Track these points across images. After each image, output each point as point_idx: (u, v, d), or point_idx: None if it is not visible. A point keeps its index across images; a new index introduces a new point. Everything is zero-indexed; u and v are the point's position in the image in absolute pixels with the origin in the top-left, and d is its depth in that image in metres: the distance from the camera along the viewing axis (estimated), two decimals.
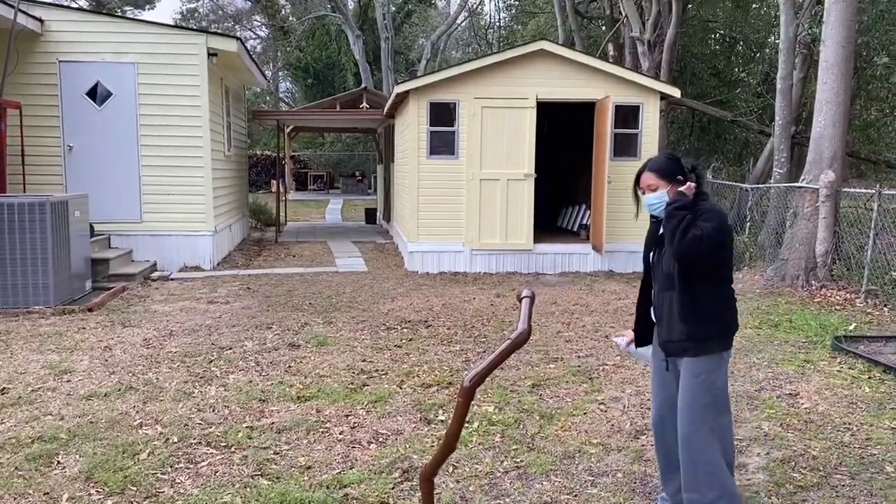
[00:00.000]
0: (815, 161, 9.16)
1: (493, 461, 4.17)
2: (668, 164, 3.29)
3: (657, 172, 3.27)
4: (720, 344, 3.22)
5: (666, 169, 3.27)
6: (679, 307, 3.19)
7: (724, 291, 3.26)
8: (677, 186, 3.23)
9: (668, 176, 3.25)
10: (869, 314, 7.82)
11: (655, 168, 3.28)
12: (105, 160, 10.29)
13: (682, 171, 3.27)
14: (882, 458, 4.20)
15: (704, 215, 3.12)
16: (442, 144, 10.54)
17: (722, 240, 3.15)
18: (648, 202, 3.29)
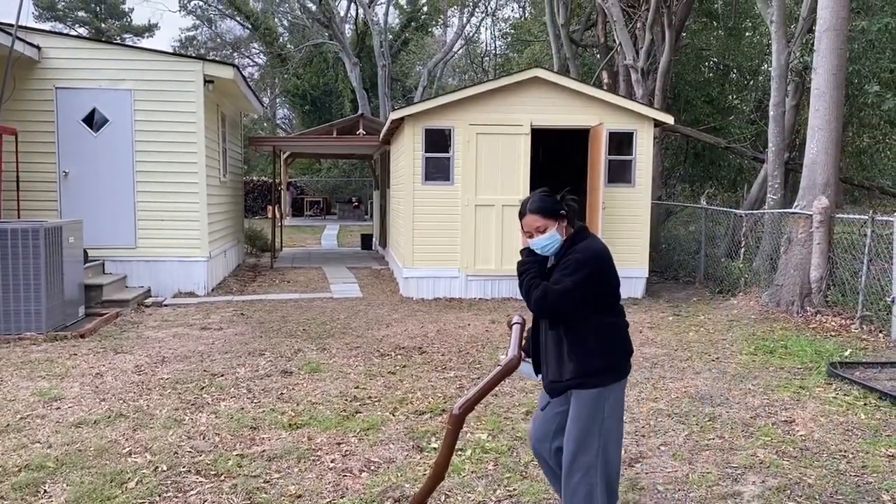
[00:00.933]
0: (808, 187, 9.20)
1: (485, 490, 4.12)
2: (548, 202, 3.23)
3: (541, 213, 3.21)
4: (610, 376, 3.21)
5: (548, 208, 3.21)
6: (568, 347, 3.19)
7: (609, 320, 3.26)
8: (563, 222, 3.23)
9: (552, 214, 3.21)
10: (864, 340, 7.80)
11: (538, 209, 3.21)
12: (100, 186, 10.30)
13: (561, 205, 3.24)
14: (878, 486, 4.16)
15: (571, 265, 3.12)
16: (437, 170, 10.57)
17: (597, 279, 3.16)
18: (540, 245, 3.23)
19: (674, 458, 4.57)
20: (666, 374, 6.55)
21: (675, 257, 13.87)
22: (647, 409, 5.55)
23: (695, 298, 10.88)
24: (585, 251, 3.17)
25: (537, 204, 3.22)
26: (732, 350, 7.52)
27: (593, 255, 3.18)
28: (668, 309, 10.02)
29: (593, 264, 3.15)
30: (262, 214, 28.17)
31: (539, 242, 3.22)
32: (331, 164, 35.00)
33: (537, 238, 3.22)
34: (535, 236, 3.22)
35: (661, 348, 7.61)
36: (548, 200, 3.23)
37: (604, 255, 3.21)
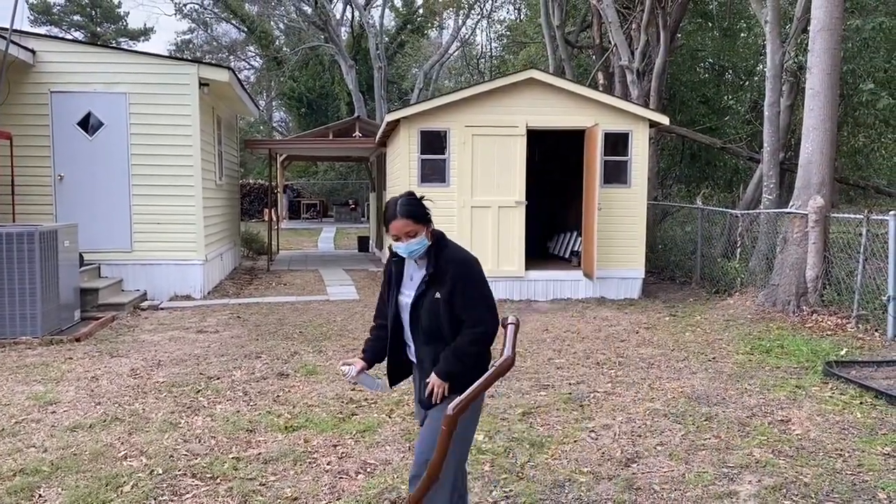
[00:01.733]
0: (803, 187, 9.22)
1: (482, 491, 4.11)
2: (418, 207, 3.15)
3: (413, 218, 3.11)
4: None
5: (418, 212, 3.13)
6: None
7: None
8: (430, 226, 3.18)
9: (422, 219, 3.14)
10: (860, 339, 7.81)
11: (409, 214, 3.11)
12: (96, 189, 10.28)
13: (426, 209, 3.20)
14: (874, 484, 4.16)
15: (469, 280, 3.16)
16: (433, 172, 10.58)
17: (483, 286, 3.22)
18: (409, 249, 3.15)
19: (670, 458, 4.57)
20: (662, 375, 6.55)
21: (672, 258, 13.88)
22: (644, 409, 5.55)
23: (691, 299, 10.88)
24: (467, 262, 3.20)
25: (407, 208, 3.12)
26: (729, 350, 7.52)
27: (475, 262, 3.25)
28: (665, 309, 10.02)
29: (480, 271, 3.23)
30: (259, 217, 28.14)
31: (409, 247, 3.15)
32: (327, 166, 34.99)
33: (407, 242, 3.13)
34: (405, 240, 3.13)
35: (658, 349, 7.61)
36: (417, 205, 3.15)
37: (476, 260, 3.28)
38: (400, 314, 3.29)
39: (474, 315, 3.15)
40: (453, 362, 3.13)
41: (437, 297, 3.14)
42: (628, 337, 8.20)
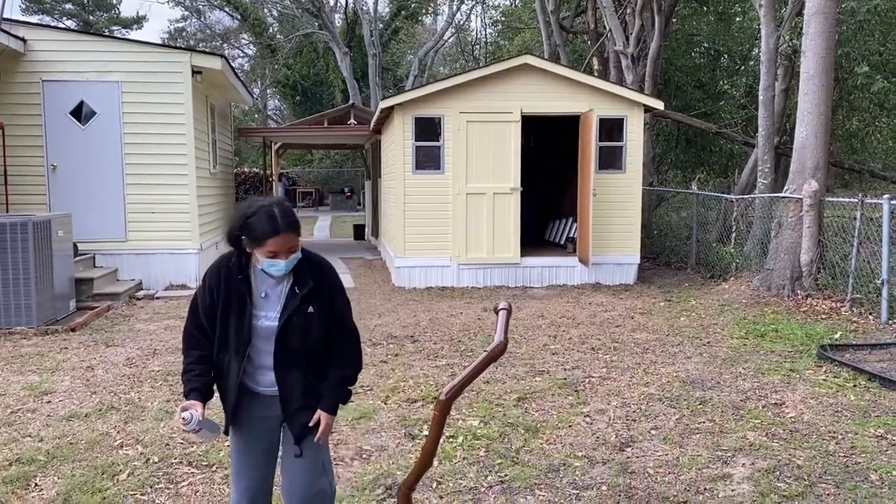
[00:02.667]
0: (798, 171, 9.22)
1: (477, 476, 4.13)
2: (296, 215, 2.71)
3: (297, 231, 2.66)
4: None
5: (299, 222, 2.71)
6: (314, 377, 2.78)
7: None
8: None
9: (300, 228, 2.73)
10: (854, 322, 7.84)
11: (296, 227, 2.64)
12: (89, 179, 10.24)
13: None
14: (867, 466, 4.19)
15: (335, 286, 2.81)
16: (427, 159, 10.55)
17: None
18: (287, 268, 2.65)
19: (664, 442, 4.59)
20: (657, 359, 6.57)
21: (667, 243, 13.89)
22: (639, 393, 5.57)
23: (686, 284, 10.90)
24: (332, 268, 2.85)
25: (293, 220, 2.64)
26: (723, 334, 7.54)
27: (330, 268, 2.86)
28: (660, 294, 10.04)
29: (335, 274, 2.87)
30: None
31: (290, 264, 2.65)
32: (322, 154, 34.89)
33: (288, 259, 2.63)
34: (286, 257, 2.62)
35: (653, 334, 7.63)
36: (295, 213, 2.70)
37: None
38: (254, 341, 2.70)
39: (347, 329, 2.83)
40: (342, 394, 2.84)
41: (311, 313, 2.71)
42: (623, 322, 8.22)
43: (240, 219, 2.65)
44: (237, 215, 2.69)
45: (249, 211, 2.64)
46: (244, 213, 2.65)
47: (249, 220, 2.61)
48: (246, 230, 2.63)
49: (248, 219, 2.62)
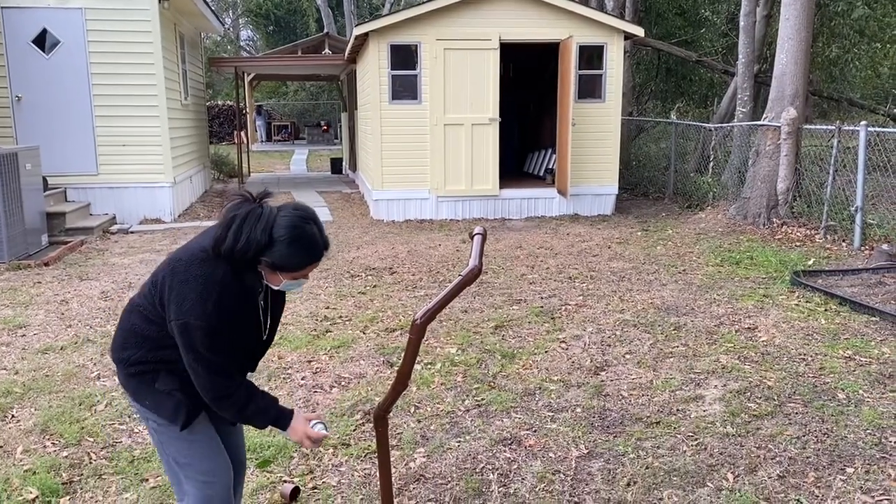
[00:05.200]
0: (777, 98, 9.17)
1: (454, 400, 4.18)
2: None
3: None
4: None
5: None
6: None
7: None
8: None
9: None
10: (828, 249, 7.94)
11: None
12: (57, 111, 9.94)
13: None
14: (834, 385, 4.29)
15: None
16: (404, 89, 10.34)
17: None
18: (300, 285, 2.27)
19: (638, 366, 4.66)
20: (633, 287, 6.63)
21: (645, 174, 13.89)
22: (614, 320, 5.63)
23: (664, 214, 10.95)
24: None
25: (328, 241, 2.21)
26: (699, 262, 7.61)
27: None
28: (637, 224, 10.08)
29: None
30: (230, 140, 27.57)
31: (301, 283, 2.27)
32: (298, 86, 34.16)
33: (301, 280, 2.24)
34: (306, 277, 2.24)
35: (629, 262, 7.68)
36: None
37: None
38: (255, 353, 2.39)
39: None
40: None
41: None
42: (600, 252, 8.26)
43: (272, 241, 2.06)
44: (259, 233, 2.05)
45: (287, 234, 2.07)
46: (280, 236, 2.06)
47: (291, 249, 2.08)
48: (281, 258, 2.09)
49: (289, 245, 2.07)
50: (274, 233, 2.06)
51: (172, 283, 2.11)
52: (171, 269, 2.14)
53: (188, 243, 2.24)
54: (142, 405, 2.28)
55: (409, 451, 3.60)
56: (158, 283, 2.17)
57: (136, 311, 2.26)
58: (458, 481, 3.31)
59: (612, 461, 3.47)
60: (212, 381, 2.14)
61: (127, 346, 2.26)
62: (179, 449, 2.29)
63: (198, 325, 2.06)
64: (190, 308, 2.06)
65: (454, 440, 3.71)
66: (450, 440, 3.71)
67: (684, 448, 3.58)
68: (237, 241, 2.05)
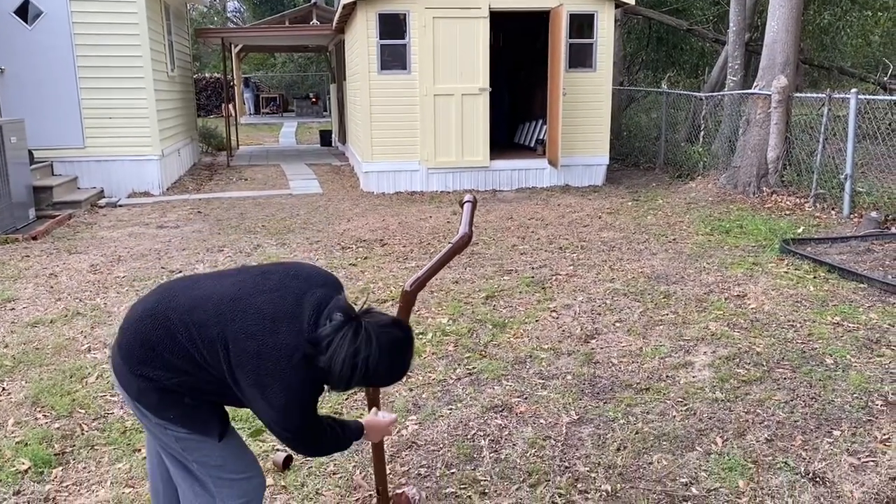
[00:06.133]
0: (767, 67, 9.13)
1: (445, 369, 4.20)
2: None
3: None
4: None
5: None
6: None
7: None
8: None
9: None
10: (817, 217, 7.97)
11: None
12: (41, 83, 9.79)
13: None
14: (823, 351, 4.33)
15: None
16: (393, 59, 10.23)
17: None
18: None
19: (628, 334, 4.69)
20: (623, 256, 6.65)
21: (636, 144, 13.86)
22: (604, 289, 5.65)
23: (654, 184, 10.94)
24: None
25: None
26: (689, 231, 7.63)
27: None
28: (628, 195, 10.08)
29: None
30: (217, 113, 27.31)
31: None
32: (286, 58, 33.75)
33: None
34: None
35: (620, 232, 7.69)
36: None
37: None
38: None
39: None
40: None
41: None
42: (591, 222, 8.26)
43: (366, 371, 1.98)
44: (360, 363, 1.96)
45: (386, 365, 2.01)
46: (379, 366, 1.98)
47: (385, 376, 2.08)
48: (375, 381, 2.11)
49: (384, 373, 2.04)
50: (370, 365, 1.96)
51: (258, 372, 1.94)
52: (256, 352, 1.93)
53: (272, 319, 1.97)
54: (162, 419, 2.07)
55: (401, 418, 3.62)
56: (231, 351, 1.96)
57: (177, 339, 2.00)
58: (449, 447, 3.34)
59: (602, 427, 3.50)
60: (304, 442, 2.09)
61: (156, 366, 2.02)
62: (210, 454, 2.15)
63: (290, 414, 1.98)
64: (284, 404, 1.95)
65: (446, 408, 3.73)
66: (441, 408, 3.73)
67: (674, 413, 3.61)
68: (334, 367, 1.94)
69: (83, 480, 3.12)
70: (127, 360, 2.06)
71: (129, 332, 2.08)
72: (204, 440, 2.12)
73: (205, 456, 2.14)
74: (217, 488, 2.18)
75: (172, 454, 2.19)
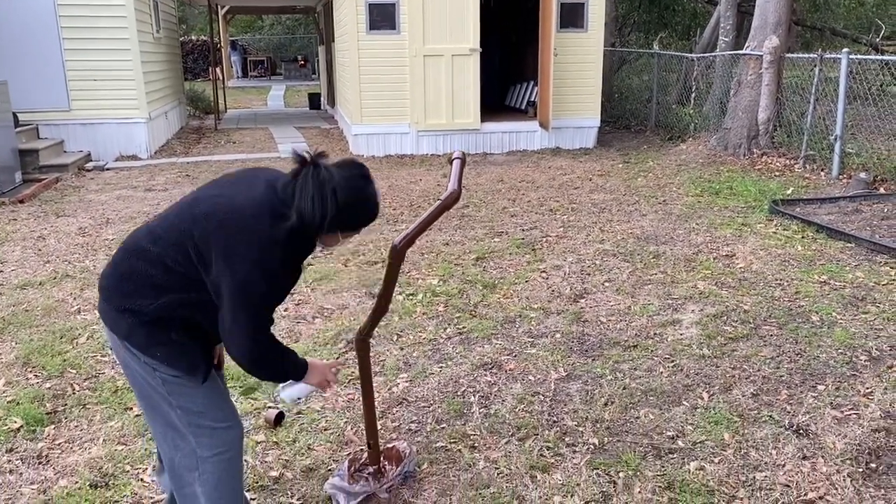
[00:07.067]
0: (759, 27, 9.06)
1: (436, 328, 4.22)
2: None
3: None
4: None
5: None
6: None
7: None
8: None
9: None
10: (807, 179, 7.99)
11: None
12: (23, 44, 9.62)
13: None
14: (809, 308, 4.37)
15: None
16: (382, 19, 10.08)
17: None
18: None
19: (617, 293, 4.72)
20: (613, 218, 6.66)
21: (627, 106, 13.79)
22: (594, 250, 5.67)
23: (645, 146, 10.92)
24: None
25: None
26: (679, 193, 7.64)
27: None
28: (619, 157, 10.06)
29: None
30: (205, 77, 26.95)
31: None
32: (273, 20, 33.27)
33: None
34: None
35: (610, 194, 7.70)
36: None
37: None
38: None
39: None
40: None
41: None
42: (581, 184, 8.25)
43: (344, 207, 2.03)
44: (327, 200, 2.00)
45: (356, 197, 2.07)
46: (346, 200, 2.02)
47: (360, 210, 2.11)
48: (351, 220, 2.11)
49: (359, 207, 2.10)
50: (339, 197, 2.00)
51: (225, 240, 1.97)
52: (219, 223, 1.99)
53: (231, 195, 2.06)
54: (151, 357, 2.09)
55: (392, 376, 3.65)
56: (196, 237, 1.99)
57: (149, 256, 2.06)
58: (440, 404, 3.37)
59: (590, 383, 3.54)
60: (253, 342, 2.06)
61: (137, 295, 2.06)
62: (193, 398, 2.17)
63: (253, 285, 1.98)
64: (249, 269, 1.96)
65: (436, 366, 3.76)
66: (432, 366, 3.76)
67: (661, 369, 3.66)
68: (304, 209, 1.98)
69: (75, 438, 3.14)
70: (110, 300, 2.12)
71: (108, 275, 2.16)
72: (188, 383, 2.14)
73: (189, 401, 2.16)
74: (196, 438, 2.19)
75: (158, 400, 2.18)
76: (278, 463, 2.94)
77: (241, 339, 2.04)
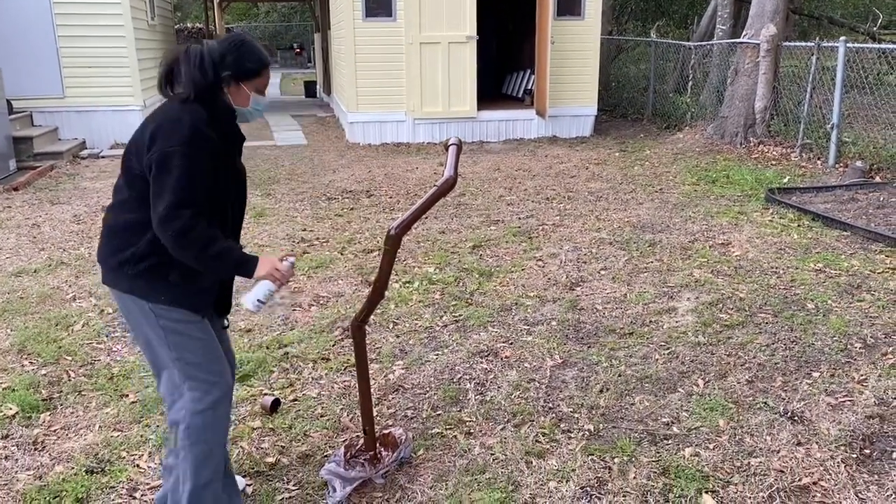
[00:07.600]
0: (757, 15, 9.04)
1: (432, 316, 4.22)
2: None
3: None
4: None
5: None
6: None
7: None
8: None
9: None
10: (803, 167, 7.99)
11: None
12: (18, 30, 9.55)
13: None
14: (804, 296, 4.38)
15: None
16: (378, 5, 10.02)
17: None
18: (264, 105, 2.41)
19: (613, 281, 4.72)
20: (610, 206, 6.66)
21: (624, 95, 13.76)
22: (590, 238, 5.67)
23: (642, 135, 10.91)
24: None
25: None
26: (676, 181, 7.64)
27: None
28: (616, 146, 10.05)
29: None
30: None
31: (266, 102, 2.43)
32: (269, 7, 33.08)
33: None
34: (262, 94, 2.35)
35: (607, 183, 7.69)
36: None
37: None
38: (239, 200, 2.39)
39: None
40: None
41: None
42: (578, 173, 8.24)
43: (223, 53, 2.18)
44: (216, 52, 2.18)
45: (231, 42, 2.21)
46: (227, 45, 2.19)
47: (241, 51, 2.21)
48: (237, 64, 2.20)
49: (238, 49, 2.20)
50: (220, 47, 2.20)
51: (159, 129, 2.12)
52: (156, 125, 2.13)
53: (153, 113, 2.22)
54: (156, 303, 2.22)
55: (388, 363, 3.66)
56: (143, 147, 2.13)
57: (121, 205, 2.24)
58: (435, 391, 3.38)
59: (585, 370, 3.55)
60: (175, 215, 2.07)
61: (124, 246, 2.20)
62: (192, 347, 2.29)
63: (180, 152, 2.07)
64: (178, 139, 2.08)
65: (432, 353, 3.76)
66: (428, 353, 3.76)
67: (656, 357, 3.66)
68: (194, 71, 2.14)
69: (71, 424, 3.14)
70: (107, 262, 2.27)
71: (100, 246, 2.31)
72: (189, 331, 2.28)
73: (188, 352, 2.29)
74: (190, 391, 2.31)
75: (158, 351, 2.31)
76: (274, 449, 2.94)
77: (165, 211, 2.07)
